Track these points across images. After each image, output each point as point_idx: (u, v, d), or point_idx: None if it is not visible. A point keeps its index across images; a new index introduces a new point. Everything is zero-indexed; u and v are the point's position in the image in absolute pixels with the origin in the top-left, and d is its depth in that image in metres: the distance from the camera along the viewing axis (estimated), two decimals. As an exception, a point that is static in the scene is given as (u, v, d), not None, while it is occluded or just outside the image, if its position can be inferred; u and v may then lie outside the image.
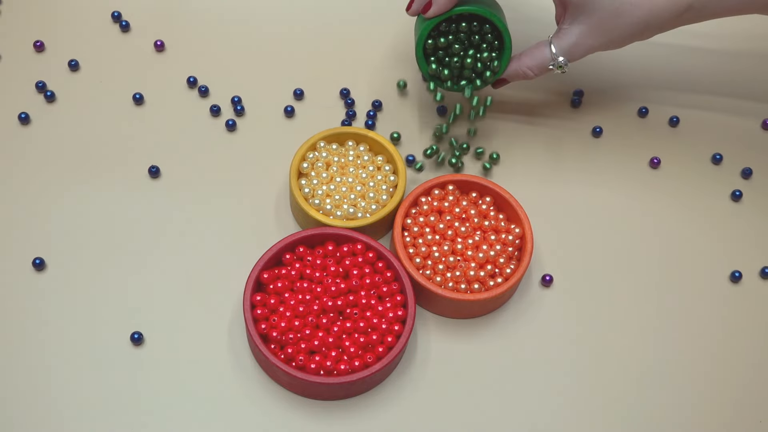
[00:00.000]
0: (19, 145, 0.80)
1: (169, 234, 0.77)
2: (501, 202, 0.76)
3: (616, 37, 0.74)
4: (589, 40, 0.74)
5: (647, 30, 0.74)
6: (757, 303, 0.78)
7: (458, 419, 0.72)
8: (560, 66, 0.75)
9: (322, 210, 0.75)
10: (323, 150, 0.78)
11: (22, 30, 0.85)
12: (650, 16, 0.72)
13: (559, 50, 0.75)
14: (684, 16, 0.73)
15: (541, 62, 0.76)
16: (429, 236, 0.75)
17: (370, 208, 0.76)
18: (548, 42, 0.75)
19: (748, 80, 0.87)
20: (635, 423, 0.73)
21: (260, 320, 0.71)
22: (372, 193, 0.76)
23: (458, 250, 0.75)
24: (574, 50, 0.75)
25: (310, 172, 0.77)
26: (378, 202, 0.76)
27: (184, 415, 0.71)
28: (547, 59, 0.75)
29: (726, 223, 0.81)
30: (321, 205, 0.75)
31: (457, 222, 0.75)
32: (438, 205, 0.76)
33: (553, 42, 0.75)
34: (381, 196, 0.76)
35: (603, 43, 0.74)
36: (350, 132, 0.78)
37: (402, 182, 0.76)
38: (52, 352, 0.72)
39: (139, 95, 0.83)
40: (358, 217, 0.75)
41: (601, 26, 0.73)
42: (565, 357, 0.75)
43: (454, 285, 0.73)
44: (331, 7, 0.88)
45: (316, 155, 0.77)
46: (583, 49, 0.75)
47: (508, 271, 0.74)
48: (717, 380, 0.75)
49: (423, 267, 0.74)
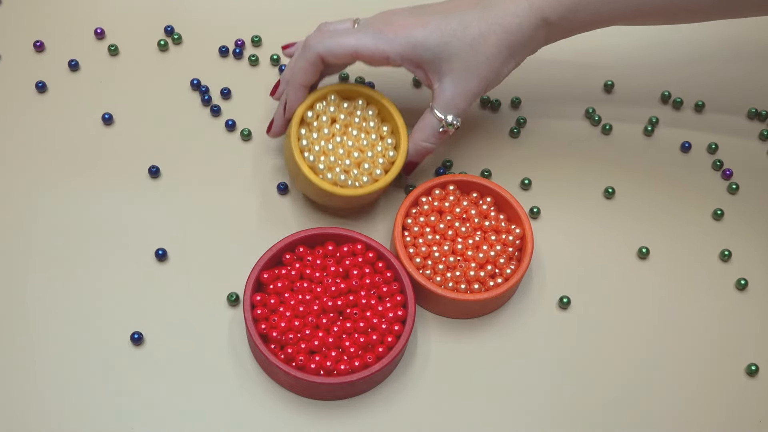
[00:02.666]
0: (20, 144, 0.80)
1: (169, 234, 0.77)
2: (501, 203, 0.76)
3: (486, 73, 0.72)
4: (465, 86, 0.73)
5: (512, 54, 0.72)
6: (756, 301, 0.78)
7: (458, 419, 0.72)
8: (450, 124, 0.74)
9: (314, 168, 0.74)
10: (332, 104, 0.75)
11: (22, 30, 0.85)
12: (507, 39, 0.71)
13: (443, 111, 0.73)
14: (543, 32, 0.72)
15: (431, 130, 0.74)
16: (429, 236, 0.75)
17: (361, 179, 0.74)
18: (430, 108, 0.74)
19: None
20: (635, 422, 0.73)
21: (260, 320, 0.71)
22: (367, 164, 0.75)
23: (458, 250, 0.75)
24: (456, 104, 0.73)
25: (312, 122, 0.75)
26: (371, 175, 0.75)
27: (184, 415, 0.71)
28: (436, 124, 0.74)
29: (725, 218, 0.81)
30: (314, 163, 0.74)
31: (458, 222, 0.75)
32: (438, 205, 0.76)
33: (434, 106, 0.74)
34: (375, 170, 0.75)
35: (479, 84, 0.73)
36: (363, 92, 0.76)
37: (400, 161, 0.75)
38: (52, 353, 0.72)
39: (139, 95, 0.83)
40: (347, 185, 0.74)
41: (466, 68, 0.72)
42: (566, 357, 0.75)
43: (454, 285, 0.73)
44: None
45: (324, 107, 0.75)
46: (464, 98, 0.73)
47: (509, 272, 0.74)
48: (717, 380, 0.75)
49: (423, 267, 0.74)
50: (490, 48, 0.71)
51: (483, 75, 0.72)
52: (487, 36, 0.71)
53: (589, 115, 0.85)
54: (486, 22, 0.71)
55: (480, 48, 0.71)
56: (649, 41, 0.89)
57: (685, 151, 0.84)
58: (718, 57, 0.89)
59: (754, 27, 0.89)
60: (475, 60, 0.72)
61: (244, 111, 0.83)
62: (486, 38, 0.71)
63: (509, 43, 0.71)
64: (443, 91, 0.73)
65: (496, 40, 0.71)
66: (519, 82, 0.85)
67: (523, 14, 0.71)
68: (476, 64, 0.72)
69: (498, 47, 0.71)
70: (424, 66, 0.73)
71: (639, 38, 0.89)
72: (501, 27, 0.71)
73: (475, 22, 0.71)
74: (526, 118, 0.84)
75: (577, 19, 0.71)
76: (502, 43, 0.71)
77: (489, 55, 0.72)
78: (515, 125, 0.84)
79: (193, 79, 0.84)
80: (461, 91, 0.73)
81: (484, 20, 0.71)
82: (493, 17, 0.71)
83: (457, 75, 0.72)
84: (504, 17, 0.71)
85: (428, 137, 0.75)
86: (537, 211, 0.80)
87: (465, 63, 0.72)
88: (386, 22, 0.73)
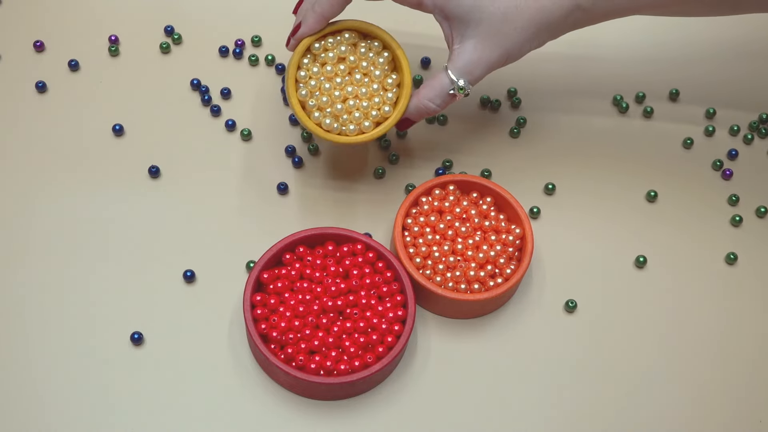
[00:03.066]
0: (20, 144, 0.80)
1: (169, 234, 0.77)
2: (501, 203, 0.76)
3: (510, 45, 0.72)
4: (484, 53, 0.72)
5: (539, 33, 0.72)
6: (755, 294, 0.78)
7: (458, 419, 0.72)
8: (462, 89, 0.72)
9: (304, 103, 0.72)
10: (345, 42, 0.73)
11: (22, 30, 0.85)
12: (538, 17, 0.71)
13: (457, 73, 0.72)
14: (573, 16, 0.72)
15: (440, 91, 0.72)
16: (429, 236, 0.75)
17: (348, 127, 0.72)
18: (444, 68, 0.73)
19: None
20: (635, 421, 0.73)
21: (260, 320, 0.71)
22: (358, 113, 0.72)
23: (458, 250, 0.75)
24: (471, 69, 0.72)
25: (319, 54, 0.73)
26: (359, 125, 0.73)
27: (184, 415, 0.71)
28: (447, 86, 0.72)
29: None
30: (306, 98, 0.72)
31: (458, 222, 0.75)
32: (438, 205, 0.76)
33: (449, 66, 0.73)
34: (364, 121, 0.73)
35: (500, 56, 0.72)
36: (381, 36, 0.73)
37: (393, 119, 0.73)
38: (52, 353, 0.72)
39: (138, 95, 0.83)
40: (332, 129, 0.72)
41: (491, 36, 0.71)
42: (566, 357, 0.75)
43: (454, 285, 0.73)
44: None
45: (335, 43, 0.73)
46: (481, 66, 0.72)
47: (509, 272, 0.74)
48: (717, 380, 0.75)
49: (423, 267, 0.74)
50: (521, 21, 0.71)
51: (506, 47, 0.72)
52: (521, 9, 0.71)
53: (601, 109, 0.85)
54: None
55: (511, 19, 0.71)
56: (656, 40, 0.89)
57: (687, 147, 0.84)
58: (721, 56, 0.89)
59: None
60: (502, 30, 0.71)
61: (244, 111, 0.83)
62: (519, 11, 0.71)
63: (539, 22, 0.71)
64: (462, 53, 0.72)
65: (528, 15, 0.71)
66: (520, 82, 0.86)
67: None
68: (503, 34, 0.71)
69: (528, 23, 0.71)
70: (452, 21, 0.72)
71: (640, 39, 0.89)
72: (536, 3, 0.71)
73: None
74: (526, 118, 0.84)
75: (607, 6, 0.71)
76: (533, 20, 0.71)
77: (517, 28, 0.71)
78: (515, 125, 0.84)
79: (193, 79, 0.84)
80: (481, 58, 0.72)
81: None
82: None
83: (480, 41, 0.71)
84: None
85: (435, 97, 0.73)
86: (537, 211, 0.79)
87: (492, 30, 0.71)
88: None
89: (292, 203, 0.79)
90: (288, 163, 0.81)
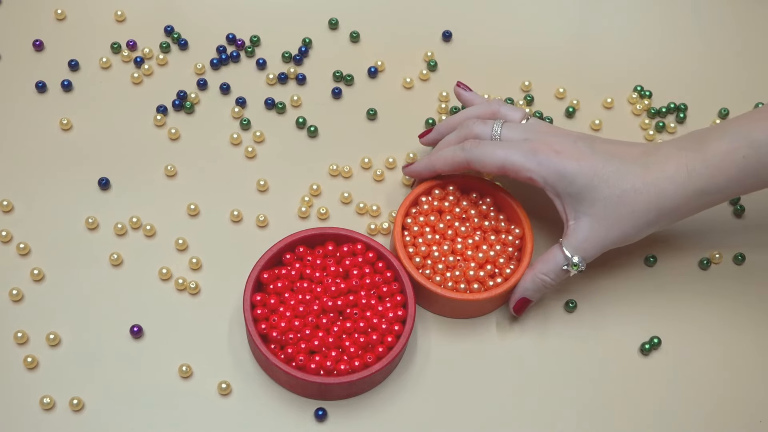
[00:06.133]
0: (20, 144, 0.80)
1: (169, 233, 0.77)
2: (501, 203, 0.77)
3: (628, 229, 0.70)
4: (600, 233, 0.70)
5: (662, 217, 0.70)
6: (758, 290, 0.78)
7: (458, 419, 0.72)
8: (576, 266, 0.71)
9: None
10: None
11: (22, 30, 0.85)
12: (658, 202, 0.69)
13: (572, 250, 0.71)
14: (698, 202, 0.70)
15: (554, 266, 0.71)
16: (429, 236, 0.75)
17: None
18: (559, 243, 0.72)
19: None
20: (635, 421, 0.73)
21: (260, 320, 0.71)
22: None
23: (458, 250, 0.75)
24: (586, 247, 0.71)
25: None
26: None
27: (184, 415, 0.71)
28: (561, 261, 0.71)
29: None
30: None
31: (457, 222, 0.75)
32: (438, 205, 0.76)
33: (564, 243, 0.71)
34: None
35: (617, 237, 0.70)
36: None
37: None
38: (51, 353, 0.72)
39: (138, 95, 0.83)
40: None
41: (607, 218, 0.70)
42: (566, 357, 0.75)
43: (454, 285, 0.73)
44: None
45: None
46: (597, 246, 0.71)
47: (508, 272, 0.74)
48: (717, 379, 0.75)
49: (423, 266, 0.74)
50: (639, 204, 0.69)
51: (624, 229, 0.70)
52: (640, 193, 0.69)
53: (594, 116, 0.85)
54: (642, 180, 0.69)
55: (628, 201, 0.69)
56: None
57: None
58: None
59: None
60: (619, 212, 0.70)
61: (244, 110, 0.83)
62: (638, 194, 0.69)
63: (658, 207, 0.69)
64: (577, 231, 0.71)
65: (646, 199, 0.69)
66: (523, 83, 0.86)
67: (680, 182, 0.69)
68: (619, 216, 0.70)
69: (647, 207, 0.69)
70: (565, 198, 0.71)
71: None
72: (655, 189, 0.69)
73: (631, 176, 0.69)
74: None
75: (733, 187, 0.69)
76: (652, 204, 0.69)
77: (635, 212, 0.69)
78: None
79: (200, 79, 0.84)
80: (596, 237, 0.71)
81: (641, 178, 0.69)
82: (650, 177, 0.69)
83: (596, 221, 0.70)
84: (661, 181, 0.69)
85: (549, 272, 0.72)
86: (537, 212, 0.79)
87: (608, 212, 0.70)
88: (542, 140, 0.71)
89: (292, 203, 0.79)
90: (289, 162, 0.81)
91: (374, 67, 0.85)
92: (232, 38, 0.86)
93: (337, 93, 0.84)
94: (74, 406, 0.70)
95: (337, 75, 0.85)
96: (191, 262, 0.76)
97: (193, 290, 0.75)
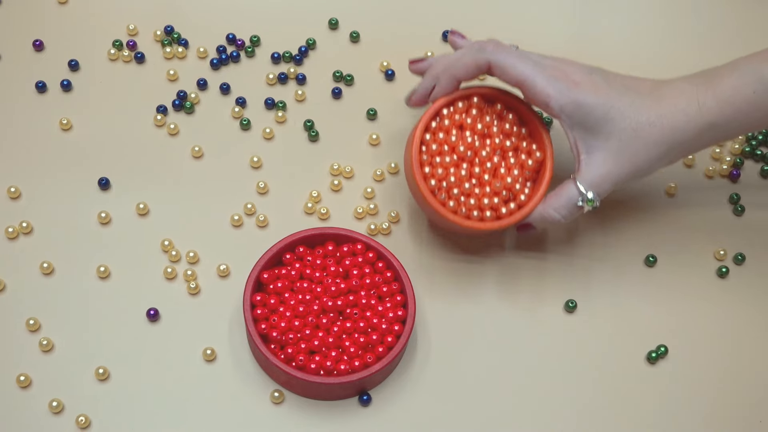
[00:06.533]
0: (20, 144, 0.80)
1: (169, 233, 0.77)
2: (526, 120, 0.74)
3: (640, 163, 0.70)
4: (614, 168, 0.70)
5: (670, 152, 0.70)
6: (757, 293, 0.78)
7: (458, 419, 0.72)
8: (591, 201, 0.70)
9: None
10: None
11: (22, 30, 0.85)
12: (672, 134, 0.69)
13: (586, 185, 0.70)
14: (708, 135, 0.70)
15: (567, 201, 0.71)
16: (447, 157, 0.72)
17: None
18: (572, 179, 0.71)
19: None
20: (634, 420, 0.73)
21: (260, 320, 0.71)
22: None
23: (475, 174, 0.72)
24: (600, 182, 0.70)
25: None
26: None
27: (184, 415, 0.71)
28: (575, 197, 0.70)
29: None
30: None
31: (478, 141, 0.73)
32: (460, 120, 0.73)
33: (578, 178, 0.71)
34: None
35: (630, 172, 0.70)
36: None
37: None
38: (49, 355, 0.72)
39: (138, 95, 0.83)
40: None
41: (622, 151, 0.69)
42: (567, 357, 0.75)
43: (467, 212, 0.72)
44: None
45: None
46: (610, 181, 0.70)
47: (523, 198, 0.72)
48: (717, 379, 0.75)
49: (438, 189, 0.72)
50: (653, 138, 0.69)
51: (636, 164, 0.70)
52: (654, 126, 0.69)
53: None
54: (656, 112, 0.69)
55: (643, 135, 0.69)
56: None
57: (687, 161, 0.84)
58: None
59: None
60: (633, 145, 0.69)
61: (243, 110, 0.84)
62: (652, 127, 0.69)
63: (671, 141, 0.69)
64: (591, 166, 0.70)
65: (660, 132, 0.69)
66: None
67: (692, 114, 0.69)
68: (633, 149, 0.69)
69: (660, 140, 0.69)
70: (578, 131, 0.70)
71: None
72: (668, 122, 0.69)
73: (645, 109, 0.69)
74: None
75: (742, 122, 0.69)
76: (665, 137, 0.69)
77: (648, 145, 0.69)
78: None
79: (200, 79, 0.84)
80: (611, 172, 0.70)
81: (655, 110, 0.69)
82: (664, 110, 0.69)
83: (610, 155, 0.70)
84: (674, 113, 0.69)
85: (561, 207, 0.71)
86: None
87: (622, 145, 0.69)
88: (561, 70, 0.71)
89: (292, 203, 0.79)
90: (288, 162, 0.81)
91: (391, 69, 0.85)
92: (232, 38, 0.86)
93: (337, 93, 0.84)
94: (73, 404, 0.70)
95: (337, 75, 0.85)
96: (191, 262, 0.76)
97: (193, 290, 0.75)
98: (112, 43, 0.85)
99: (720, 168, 0.83)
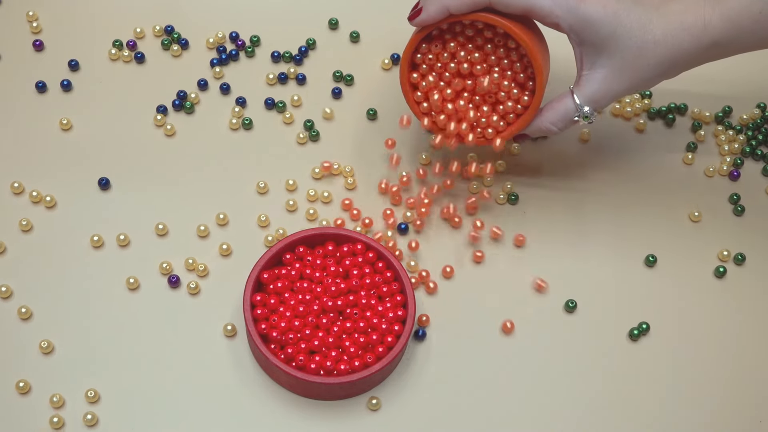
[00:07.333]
0: (20, 144, 0.80)
1: (169, 233, 0.77)
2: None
3: (641, 79, 0.70)
4: (613, 85, 0.70)
5: (673, 68, 0.70)
6: (756, 292, 0.78)
7: (458, 419, 0.72)
8: (586, 116, 0.71)
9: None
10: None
11: (22, 30, 0.85)
12: (675, 53, 0.69)
13: (583, 100, 0.71)
14: (709, 53, 0.70)
15: (564, 115, 0.72)
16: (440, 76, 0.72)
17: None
18: (570, 92, 0.72)
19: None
20: (634, 420, 0.73)
21: (260, 320, 0.71)
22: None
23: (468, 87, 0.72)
24: (598, 98, 0.71)
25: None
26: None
27: (184, 415, 0.71)
28: (572, 111, 0.71)
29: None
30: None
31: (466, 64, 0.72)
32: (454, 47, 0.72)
33: (576, 91, 0.71)
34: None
35: (628, 88, 0.71)
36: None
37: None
38: (48, 356, 0.72)
39: (137, 95, 0.83)
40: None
41: (624, 69, 0.70)
42: (568, 357, 0.75)
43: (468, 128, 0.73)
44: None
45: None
46: (608, 97, 0.71)
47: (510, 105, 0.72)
48: (717, 380, 0.75)
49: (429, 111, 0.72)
50: (656, 58, 0.69)
51: (635, 80, 0.70)
52: (659, 45, 0.69)
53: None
54: (662, 30, 0.69)
55: (646, 55, 0.69)
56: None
57: (689, 155, 0.84)
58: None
59: None
60: (636, 64, 0.69)
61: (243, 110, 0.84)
62: (657, 46, 0.69)
63: (674, 59, 0.70)
64: (591, 82, 0.71)
65: (663, 52, 0.69)
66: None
67: (697, 33, 0.69)
68: (636, 67, 0.70)
69: (662, 60, 0.69)
70: (585, 47, 0.70)
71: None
72: (673, 41, 0.69)
73: (652, 26, 0.69)
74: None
75: (742, 41, 0.70)
76: (668, 55, 0.69)
77: (651, 64, 0.69)
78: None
79: (200, 79, 0.84)
80: (610, 89, 0.70)
81: (661, 27, 0.69)
82: (670, 27, 0.69)
83: (611, 72, 0.70)
84: (679, 32, 0.69)
85: (558, 121, 0.72)
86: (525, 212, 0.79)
87: (625, 64, 0.69)
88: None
89: (292, 203, 0.79)
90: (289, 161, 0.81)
91: (390, 69, 0.85)
92: (232, 37, 0.86)
93: (337, 93, 0.84)
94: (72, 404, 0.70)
95: (337, 75, 0.85)
96: (191, 262, 0.76)
97: (193, 290, 0.75)
98: (112, 43, 0.85)
99: (720, 168, 0.83)
